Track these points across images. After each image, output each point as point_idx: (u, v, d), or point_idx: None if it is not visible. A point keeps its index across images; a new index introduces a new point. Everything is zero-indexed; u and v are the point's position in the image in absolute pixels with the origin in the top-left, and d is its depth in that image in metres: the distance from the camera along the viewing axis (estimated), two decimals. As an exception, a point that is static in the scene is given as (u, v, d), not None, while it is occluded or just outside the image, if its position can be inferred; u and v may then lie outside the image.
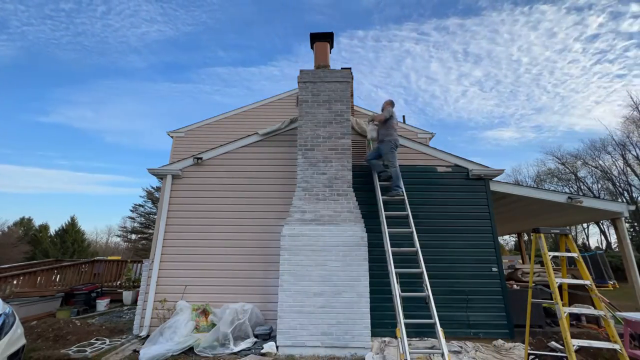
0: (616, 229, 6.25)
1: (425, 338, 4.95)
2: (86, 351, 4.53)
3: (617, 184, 24.50)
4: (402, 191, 5.27)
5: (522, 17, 41.44)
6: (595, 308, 4.40)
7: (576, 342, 3.26)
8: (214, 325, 4.97)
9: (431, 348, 4.49)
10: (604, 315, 3.50)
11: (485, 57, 48.52)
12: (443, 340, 3.46)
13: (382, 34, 53.21)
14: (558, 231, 3.88)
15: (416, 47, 52.29)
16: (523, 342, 4.43)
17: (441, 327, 3.70)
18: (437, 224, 5.63)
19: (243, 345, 4.62)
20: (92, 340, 5.03)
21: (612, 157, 24.88)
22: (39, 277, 8.07)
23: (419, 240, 4.64)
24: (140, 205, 26.14)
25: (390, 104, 5.82)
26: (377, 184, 5.50)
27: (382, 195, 5.32)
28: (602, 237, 27.48)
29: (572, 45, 39.36)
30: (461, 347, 4.66)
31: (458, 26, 47.54)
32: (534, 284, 4.17)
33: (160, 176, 6.21)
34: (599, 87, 41.12)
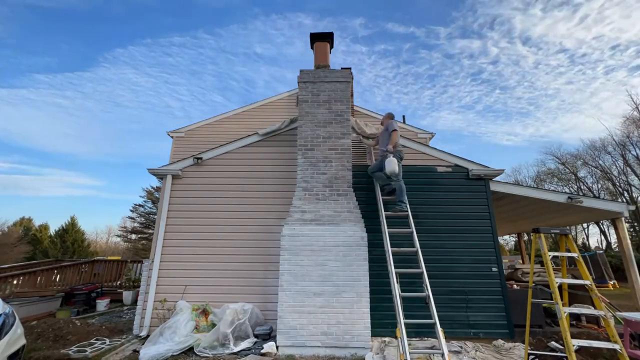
0: (616, 229, 6.25)
1: (425, 338, 4.95)
2: (86, 351, 4.53)
3: (617, 184, 24.50)
4: (406, 206, 5.07)
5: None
6: (595, 308, 4.40)
7: (576, 342, 3.26)
8: (214, 325, 4.97)
9: (431, 348, 4.49)
10: (604, 315, 3.50)
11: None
12: (443, 340, 3.46)
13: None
14: (558, 231, 3.88)
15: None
16: (523, 342, 4.43)
17: (441, 327, 3.70)
18: (437, 224, 5.63)
19: (243, 345, 4.62)
20: (92, 340, 5.03)
21: (612, 157, 24.89)
22: (39, 277, 8.07)
23: (418, 240, 4.64)
24: (140, 205, 26.15)
25: (390, 117, 5.74)
26: (378, 184, 5.50)
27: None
28: (602, 237, 27.50)
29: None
30: (461, 347, 4.67)
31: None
32: (534, 284, 4.17)
33: (160, 176, 6.21)
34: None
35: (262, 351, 4.43)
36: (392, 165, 4.94)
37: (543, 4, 39.68)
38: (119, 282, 10.20)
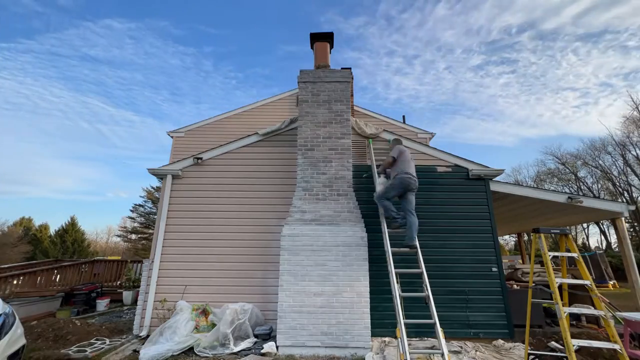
0: (616, 229, 6.25)
1: (425, 338, 4.95)
2: (86, 351, 4.53)
3: (617, 184, 24.50)
4: (417, 245, 4.53)
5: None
6: (595, 308, 4.40)
7: (576, 342, 3.26)
8: (214, 325, 4.97)
9: (431, 348, 4.49)
10: (604, 315, 3.50)
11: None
12: (443, 340, 3.46)
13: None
14: (558, 231, 3.88)
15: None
16: (523, 342, 4.43)
17: (441, 327, 3.70)
18: (437, 224, 5.63)
19: (243, 345, 4.62)
20: (92, 340, 5.03)
21: (612, 157, 24.89)
22: (39, 277, 8.07)
23: (418, 240, 4.64)
24: (140, 205, 26.14)
25: (398, 142, 5.55)
26: (377, 183, 5.50)
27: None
28: (602, 237, 27.51)
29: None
30: (461, 347, 4.66)
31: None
32: (534, 284, 4.17)
33: (160, 176, 6.21)
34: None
35: (262, 351, 4.43)
36: (378, 187, 4.90)
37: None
38: (119, 282, 10.20)
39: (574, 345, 3.20)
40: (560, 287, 3.61)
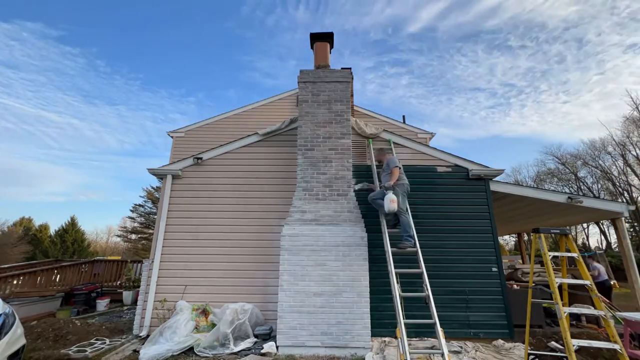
0: (616, 229, 6.25)
1: (425, 338, 4.95)
2: (86, 351, 4.53)
3: (617, 184, 24.50)
4: (415, 242, 4.58)
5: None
6: (595, 308, 4.40)
7: (576, 342, 3.26)
8: (214, 325, 4.97)
9: (431, 348, 4.49)
10: (604, 315, 3.50)
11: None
12: (443, 340, 3.46)
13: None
14: (558, 231, 3.88)
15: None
16: (523, 342, 4.43)
17: (441, 327, 3.70)
18: (437, 224, 5.63)
19: (243, 345, 4.62)
20: (92, 340, 5.03)
21: (612, 157, 24.90)
22: (39, 277, 8.07)
23: (419, 240, 4.64)
24: (140, 205, 26.13)
25: (388, 150, 5.76)
26: (378, 183, 5.50)
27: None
28: (602, 237, 27.51)
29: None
30: (461, 347, 4.66)
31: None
32: (534, 284, 4.17)
33: (160, 176, 6.21)
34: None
35: (262, 351, 4.43)
36: (390, 205, 4.52)
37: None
38: (119, 282, 10.20)
39: (574, 345, 3.20)
40: (560, 287, 3.61)
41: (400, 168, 5.01)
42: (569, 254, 3.83)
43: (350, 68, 7.68)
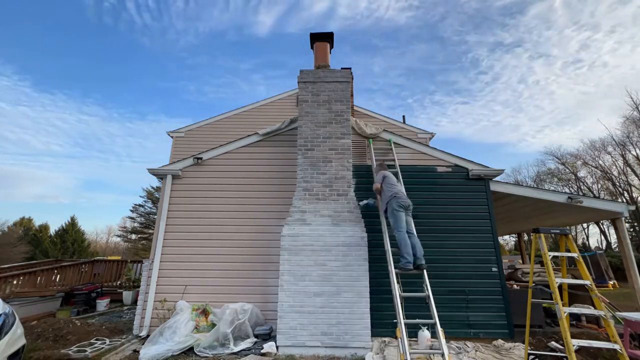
0: (616, 229, 6.25)
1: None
2: (86, 351, 4.53)
3: (617, 184, 24.50)
4: (411, 265, 4.24)
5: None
6: (595, 308, 4.40)
7: (576, 342, 3.26)
8: (214, 325, 4.97)
9: (431, 348, 4.49)
10: (604, 315, 3.50)
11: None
12: (443, 340, 3.46)
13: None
14: (558, 231, 3.88)
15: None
16: (523, 342, 4.43)
17: (441, 327, 3.70)
18: (437, 224, 5.63)
19: (243, 345, 4.62)
20: (92, 340, 5.03)
21: (612, 157, 24.91)
22: (39, 277, 8.07)
23: (419, 241, 4.63)
24: (140, 205, 26.15)
25: (381, 167, 5.25)
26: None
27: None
28: (602, 237, 27.52)
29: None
30: (461, 347, 4.66)
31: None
32: (534, 284, 4.17)
33: (160, 176, 6.21)
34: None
35: (262, 351, 4.43)
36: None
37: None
38: (119, 282, 10.20)
39: (574, 345, 3.20)
40: (560, 287, 3.61)
41: (382, 184, 4.76)
42: (569, 254, 3.83)
43: (350, 68, 7.69)
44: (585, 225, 27.72)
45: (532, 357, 4.09)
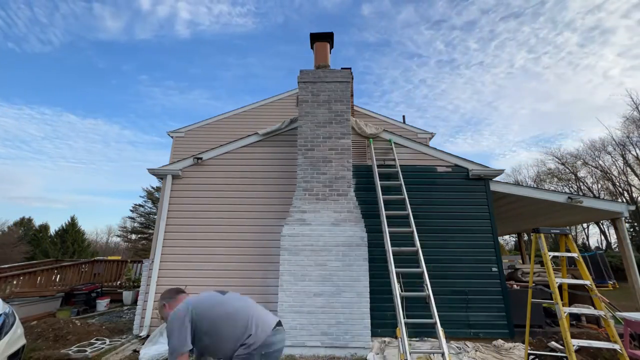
0: (616, 229, 6.25)
1: (426, 338, 4.95)
2: (86, 351, 4.53)
3: (617, 184, 24.51)
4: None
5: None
6: (595, 308, 4.40)
7: (576, 342, 3.26)
8: (214, 325, 4.96)
9: (431, 348, 4.49)
10: (604, 315, 3.50)
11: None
12: (444, 340, 3.46)
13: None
14: (558, 231, 3.88)
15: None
16: (523, 342, 4.43)
17: (441, 327, 3.70)
18: (437, 224, 5.63)
19: (243, 345, 4.61)
20: (92, 340, 5.03)
21: (612, 157, 24.90)
22: (39, 277, 8.07)
23: (419, 240, 4.64)
24: (140, 205, 26.17)
25: None
26: (378, 182, 5.50)
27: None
28: (602, 237, 27.52)
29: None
30: (461, 347, 4.66)
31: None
32: (534, 284, 4.17)
33: (160, 176, 6.21)
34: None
35: (262, 351, 4.43)
36: None
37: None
38: (119, 282, 10.20)
39: (574, 345, 3.19)
40: (560, 287, 3.61)
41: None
42: (569, 254, 3.82)
43: (350, 68, 7.68)
44: (585, 225, 27.72)
45: (532, 357, 4.09)
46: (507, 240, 32.59)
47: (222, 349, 2.05)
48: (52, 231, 31.29)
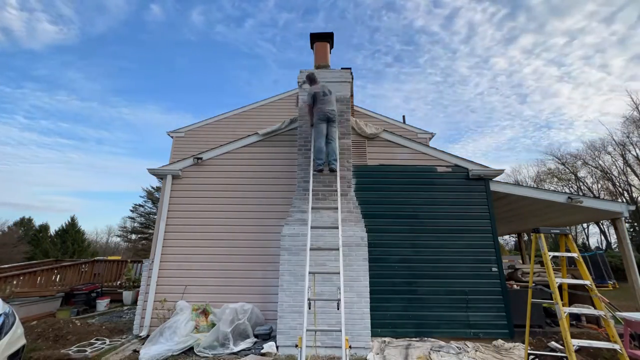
0: (616, 229, 6.25)
1: (426, 338, 4.95)
2: (86, 351, 4.53)
3: (617, 184, 24.51)
4: (321, 167, 5.14)
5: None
6: (595, 308, 4.40)
7: (576, 342, 3.26)
8: (214, 325, 4.97)
9: (407, 347, 4.49)
10: (604, 315, 3.50)
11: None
12: (344, 349, 3.26)
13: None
14: (558, 231, 3.87)
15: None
16: (523, 342, 4.43)
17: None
18: (437, 224, 5.63)
19: (243, 345, 4.62)
20: (92, 340, 5.03)
21: (612, 157, 24.91)
22: (39, 277, 8.07)
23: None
24: (140, 205, 26.15)
25: (311, 81, 5.57)
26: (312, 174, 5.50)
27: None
28: (602, 237, 27.52)
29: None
30: (460, 347, 4.66)
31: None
32: (534, 284, 4.17)
33: (160, 176, 6.21)
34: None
35: (262, 351, 4.43)
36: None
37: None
38: (119, 282, 10.19)
39: (574, 345, 3.19)
40: (560, 287, 3.60)
41: (316, 97, 5.26)
42: (569, 254, 3.82)
43: (350, 68, 7.67)
44: (585, 225, 27.72)
45: (532, 357, 4.09)
46: (507, 240, 32.59)
47: None
48: (52, 231, 31.27)
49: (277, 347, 4.52)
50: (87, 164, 66.33)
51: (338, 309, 3.71)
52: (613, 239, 25.85)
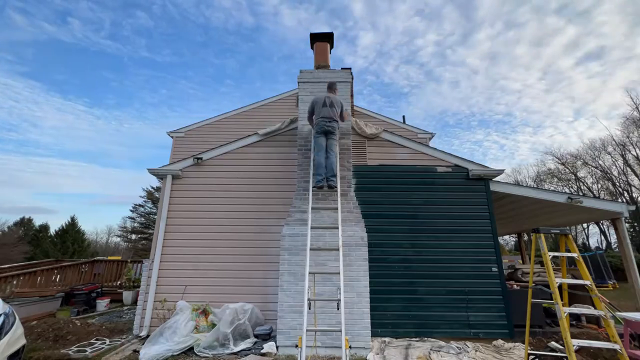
0: (616, 229, 6.25)
1: (426, 338, 4.95)
2: (86, 351, 4.53)
3: (617, 184, 24.53)
4: (321, 183, 4.98)
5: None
6: (595, 308, 4.40)
7: (576, 342, 3.26)
8: (214, 325, 4.97)
9: (406, 347, 4.49)
10: (604, 315, 3.50)
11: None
12: (344, 347, 3.28)
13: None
14: (558, 231, 3.87)
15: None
16: (523, 342, 4.43)
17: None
18: (437, 224, 5.62)
19: (243, 345, 4.62)
20: (92, 340, 5.03)
21: (612, 157, 24.92)
22: (39, 277, 8.08)
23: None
24: (140, 205, 26.16)
25: (327, 86, 5.44)
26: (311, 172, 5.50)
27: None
28: (602, 237, 27.53)
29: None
30: (461, 347, 4.66)
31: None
32: (534, 284, 4.17)
33: (160, 176, 6.21)
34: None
35: (262, 351, 4.43)
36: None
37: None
38: (119, 282, 10.20)
39: (574, 345, 3.19)
40: (560, 287, 3.60)
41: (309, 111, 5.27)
42: (569, 254, 3.82)
43: (350, 68, 7.68)
44: (585, 225, 27.73)
45: (532, 357, 4.09)
46: (507, 240, 32.61)
47: None
48: (52, 231, 31.28)
49: (277, 347, 4.52)
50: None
51: (338, 309, 3.71)
52: (613, 239, 25.86)
